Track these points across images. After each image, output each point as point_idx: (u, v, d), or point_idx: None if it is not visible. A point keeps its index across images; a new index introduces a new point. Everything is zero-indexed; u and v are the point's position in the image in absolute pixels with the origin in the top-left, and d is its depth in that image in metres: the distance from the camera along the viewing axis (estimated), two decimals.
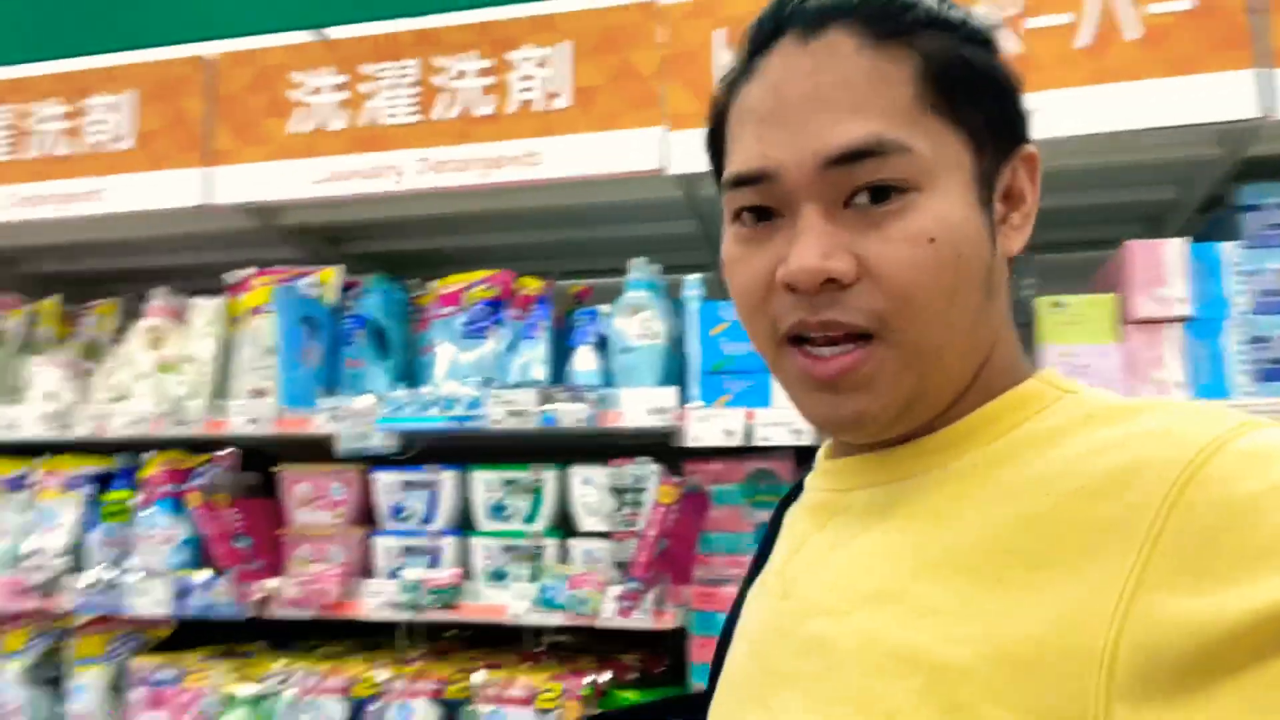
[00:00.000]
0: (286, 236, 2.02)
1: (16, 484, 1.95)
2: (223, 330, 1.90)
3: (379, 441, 1.66)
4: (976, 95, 0.57)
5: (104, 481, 1.92)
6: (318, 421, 1.70)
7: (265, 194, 1.83)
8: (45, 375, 1.97)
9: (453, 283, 1.79)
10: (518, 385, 1.61)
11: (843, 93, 0.54)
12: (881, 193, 0.54)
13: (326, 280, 1.86)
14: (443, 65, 1.76)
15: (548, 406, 1.55)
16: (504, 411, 1.57)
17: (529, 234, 1.99)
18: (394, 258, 2.17)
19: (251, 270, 1.92)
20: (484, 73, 1.74)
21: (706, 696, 0.74)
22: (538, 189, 1.68)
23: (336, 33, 1.93)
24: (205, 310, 1.92)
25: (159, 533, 1.82)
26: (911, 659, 0.50)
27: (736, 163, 0.58)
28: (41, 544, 1.88)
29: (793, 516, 0.70)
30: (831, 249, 0.54)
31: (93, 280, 2.40)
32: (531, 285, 1.75)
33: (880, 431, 0.59)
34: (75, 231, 2.04)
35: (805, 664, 0.56)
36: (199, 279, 2.09)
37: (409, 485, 1.70)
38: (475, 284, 1.76)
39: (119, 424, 1.83)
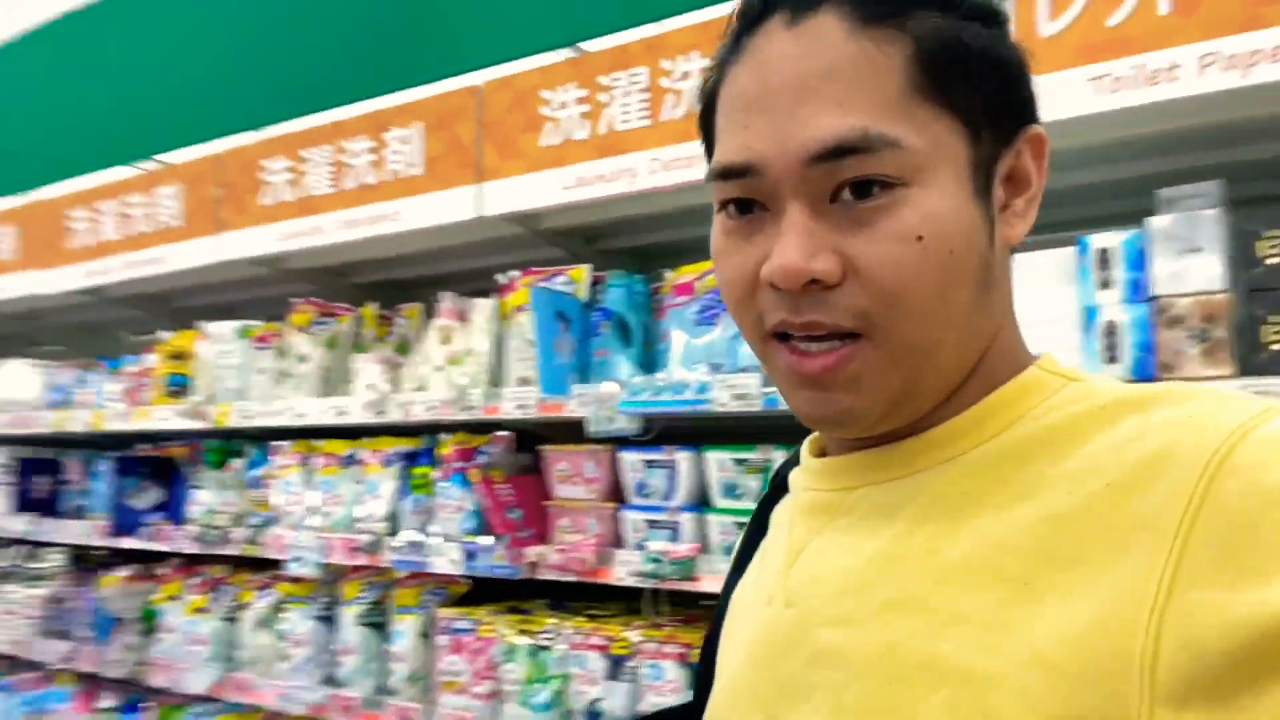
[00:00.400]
0: (548, 239, 2.24)
1: (348, 461, 2.36)
2: (496, 326, 2.15)
3: (623, 424, 1.81)
4: (974, 79, 0.54)
5: (412, 459, 2.27)
6: (571, 406, 1.88)
7: (525, 203, 2.05)
8: (368, 370, 2.36)
9: (686, 273, 1.89)
10: (742, 370, 1.68)
11: (829, 82, 0.52)
12: (868, 188, 0.52)
13: (578, 278, 2.04)
14: (668, 68, 1.86)
15: (769, 389, 1.60)
16: (729, 395, 1.64)
17: None
18: (641, 251, 2.33)
19: (517, 273, 2.15)
20: None
21: (696, 705, 0.71)
22: None
23: (587, 46, 2.11)
24: (483, 309, 2.19)
25: (453, 503, 2.12)
26: (937, 669, 0.48)
27: (721, 153, 0.56)
28: (368, 510, 2.27)
29: (783, 517, 0.67)
30: (816, 248, 0.52)
31: (400, 287, 2.80)
32: None
33: (869, 428, 0.57)
34: (383, 247, 2.41)
35: (820, 675, 0.54)
36: (480, 281, 2.39)
37: (650, 464, 1.84)
38: (706, 273, 1.85)
39: (419, 410, 2.16)
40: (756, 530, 0.73)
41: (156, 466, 2.85)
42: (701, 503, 1.82)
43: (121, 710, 2.82)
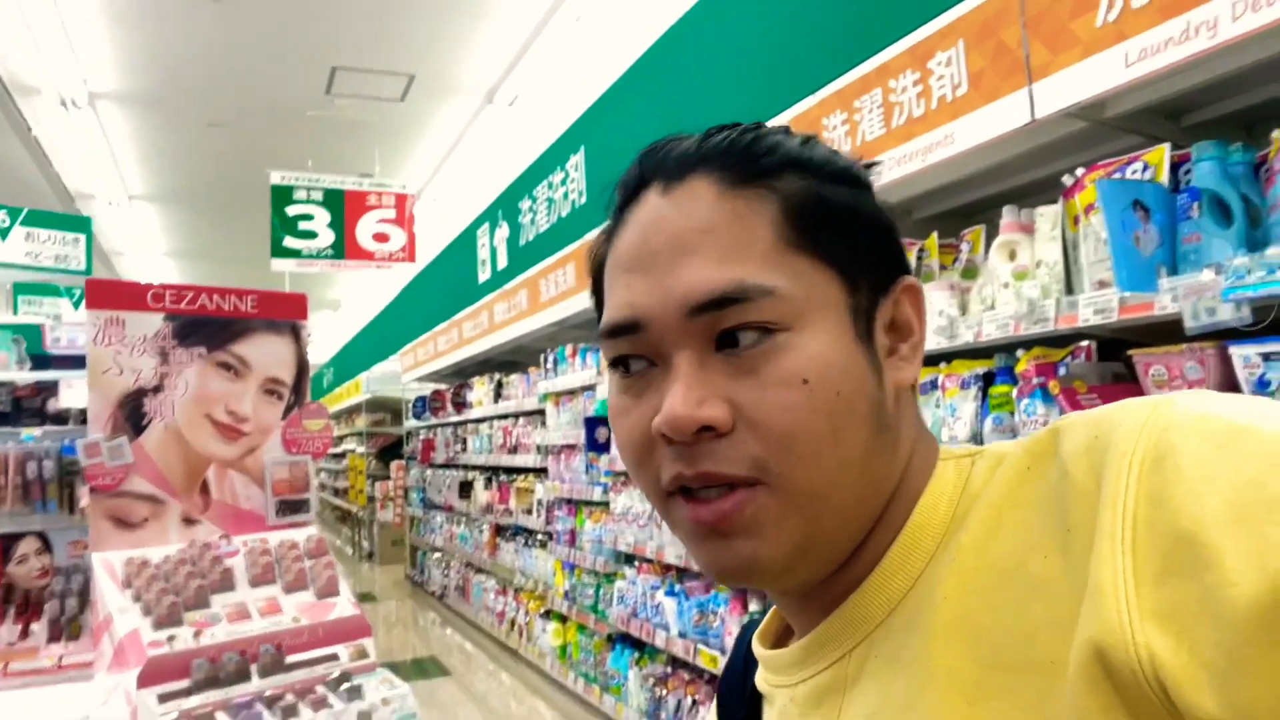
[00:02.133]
0: (1117, 127, 2.04)
1: (926, 388, 2.44)
2: (1064, 232, 2.03)
3: (1228, 314, 1.58)
4: (842, 232, 0.55)
5: (989, 379, 2.27)
6: (1162, 303, 1.70)
7: (1084, 92, 1.90)
8: (936, 297, 2.41)
9: None
10: None
11: (704, 238, 0.53)
12: (751, 335, 0.52)
13: (1156, 160, 1.83)
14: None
15: None
16: None
17: None
18: (1238, 117, 1.97)
19: (1081, 170, 2.00)
20: None
21: None
22: None
23: None
24: (1048, 216, 2.08)
25: (1037, 418, 2.06)
26: None
27: (608, 312, 0.57)
28: (951, 433, 2.33)
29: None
30: (704, 396, 0.52)
31: (961, 214, 2.78)
32: None
33: (776, 578, 0.56)
34: (935, 177, 2.43)
35: None
36: (1043, 194, 2.27)
37: (1270, 357, 1.57)
38: None
39: (990, 329, 2.14)
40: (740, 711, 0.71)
41: None
42: None
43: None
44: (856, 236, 0.56)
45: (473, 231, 6.07)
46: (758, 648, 0.67)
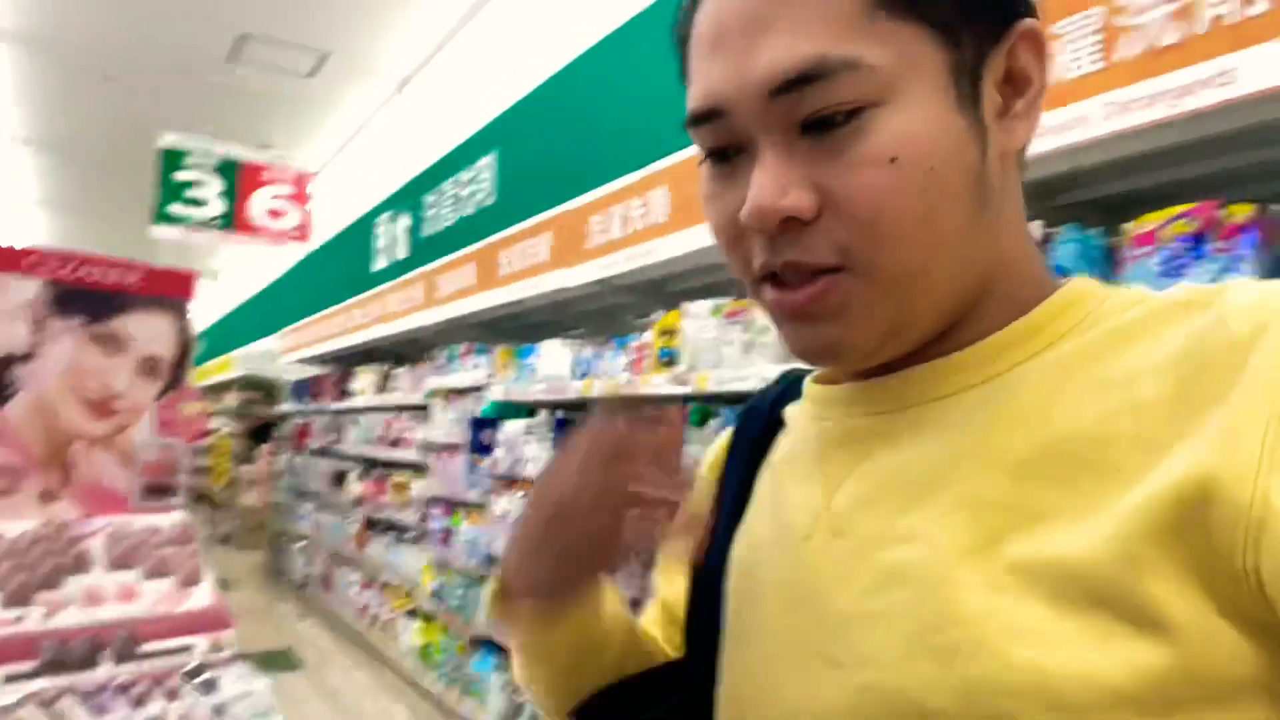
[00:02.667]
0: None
1: None
2: None
3: None
4: None
5: None
6: None
7: None
8: None
9: (1148, 222, 1.74)
10: None
11: (780, 9, 0.50)
12: (837, 115, 0.49)
13: None
14: (1123, 5, 1.73)
15: None
16: None
17: (1231, 159, 1.79)
18: (1101, 203, 2.17)
19: None
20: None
21: (693, 665, 0.66)
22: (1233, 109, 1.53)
23: None
24: None
25: None
26: (1027, 566, 0.45)
27: (689, 100, 0.55)
28: None
29: (798, 451, 0.63)
30: (788, 184, 0.50)
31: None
32: (1239, 213, 1.60)
33: (865, 359, 0.55)
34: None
35: (884, 600, 0.50)
36: None
37: None
38: (1172, 219, 1.69)
39: None
40: (749, 477, 0.68)
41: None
42: None
43: None
44: None
45: (372, 218, 5.95)
46: (809, 382, 0.64)
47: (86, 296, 2.09)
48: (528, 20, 4.92)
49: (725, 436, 0.75)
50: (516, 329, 5.01)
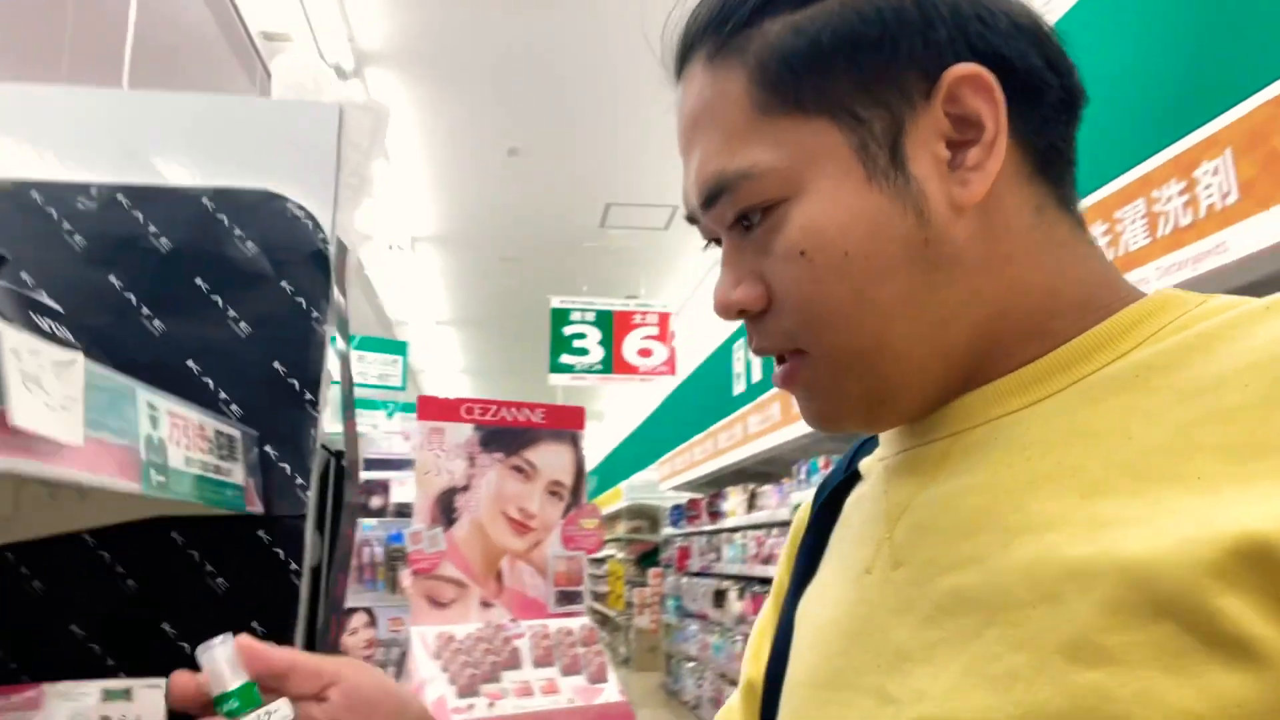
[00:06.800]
0: None
1: None
2: None
3: None
4: (829, 63, 0.49)
5: None
6: None
7: None
8: None
9: None
10: None
11: (696, 129, 0.53)
12: (752, 215, 0.51)
13: None
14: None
15: None
16: None
17: None
18: None
19: None
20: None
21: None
22: None
23: None
24: None
25: None
26: (1089, 570, 0.40)
27: None
28: None
29: (864, 491, 0.61)
30: (740, 277, 0.53)
31: None
32: None
33: (870, 426, 0.55)
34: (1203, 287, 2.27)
35: (944, 630, 0.46)
36: None
37: None
38: None
39: None
40: (824, 532, 0.65)
41: None
42: None
43: None
44: (857, 55, 0.49)
45: (728, 347, 6.37)
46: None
47: (505, 434, 2.53)
48: None
49: (805, 506, 0.72)
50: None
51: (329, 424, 0.84)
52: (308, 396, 0.79)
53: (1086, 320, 0.49)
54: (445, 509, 2.47)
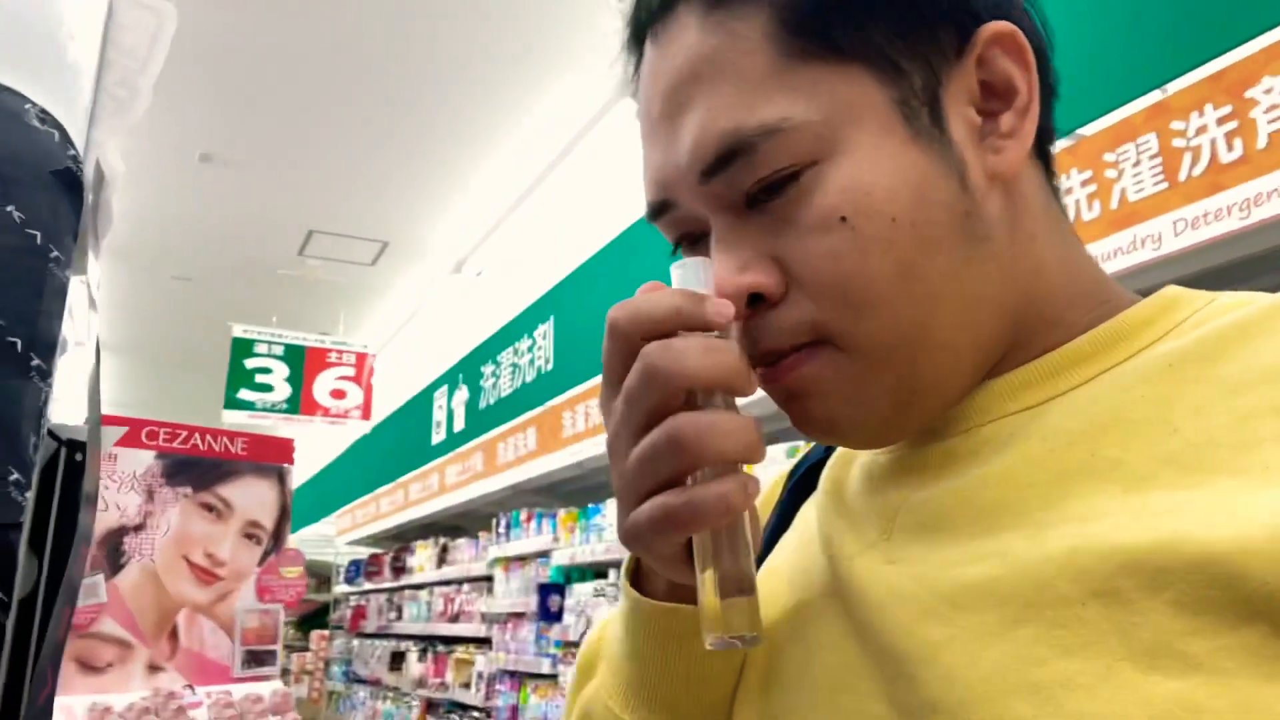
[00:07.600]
0: None
1: None
2: None
3: None
4: (865, 9, 0.44)
5: None
6: None
7: None
8: None
9: None
10: None
11: (693, 87, 0.46)
12: (775, 185, 0.44)
13: None
14: (1179, 128, 1.84)
15: None
16: None
17: None
18: None
19: None
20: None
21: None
22: None
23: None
24: None
25: None
26: (1149, 561, 0.36)
27: (645, 195, 0.50)
28: None
29: (847, 494, 0.54)
30: (747, 259, 0.45)
31: None
32: None
33: (881, 437, 0.48)
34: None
35: (953, 627, 0.40)
36: None
37: None
38: None
39: None
40: (787, 507, 0.62)
41: None
42: None
43: None
44: (887, 7, 0.45)
45: (429, 394, 6.12)
46: None
47: (196, 466, 2.17)
48: (579, 196, 5.23)
49: (781, 471, 0.67)
50: (577, 492, 5.03)
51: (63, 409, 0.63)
52: (34, 361, 0.58)
53: (1096, 311, 0.47)
54: (111, 552, 2.04)
